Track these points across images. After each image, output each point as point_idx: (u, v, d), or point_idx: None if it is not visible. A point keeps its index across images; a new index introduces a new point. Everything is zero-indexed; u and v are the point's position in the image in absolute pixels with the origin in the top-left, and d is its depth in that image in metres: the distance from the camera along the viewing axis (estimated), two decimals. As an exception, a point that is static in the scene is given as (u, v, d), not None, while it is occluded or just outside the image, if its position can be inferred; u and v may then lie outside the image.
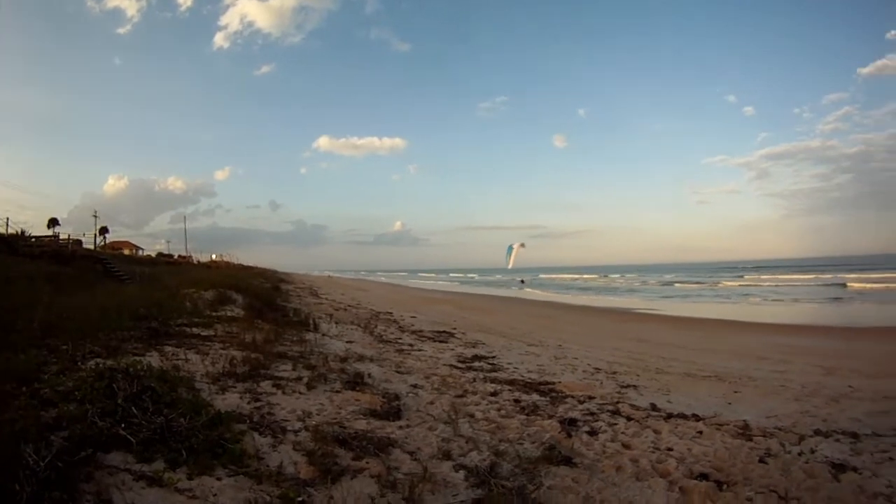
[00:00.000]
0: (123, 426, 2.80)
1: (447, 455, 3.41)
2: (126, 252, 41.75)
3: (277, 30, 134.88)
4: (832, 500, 3.00)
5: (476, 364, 7.67)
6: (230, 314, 9.70)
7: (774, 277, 49.79)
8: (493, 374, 6.82)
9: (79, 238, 31.55)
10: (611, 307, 25.13)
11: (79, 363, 4.22)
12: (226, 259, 51.88)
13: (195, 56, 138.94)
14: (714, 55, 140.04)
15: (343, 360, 6.25)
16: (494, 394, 5.47)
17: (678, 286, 44.14)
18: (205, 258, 51.59)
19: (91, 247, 31.71)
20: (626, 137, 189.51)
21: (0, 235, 21.47)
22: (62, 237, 30.15)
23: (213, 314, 9.37)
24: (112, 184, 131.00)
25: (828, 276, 44.90)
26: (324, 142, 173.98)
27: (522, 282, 55.03)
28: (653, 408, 5.23)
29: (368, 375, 5.47)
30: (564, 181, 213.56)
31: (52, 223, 36.92)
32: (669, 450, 3.85)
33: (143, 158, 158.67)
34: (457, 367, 7.20)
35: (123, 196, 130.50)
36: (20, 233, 24.37)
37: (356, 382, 5.02)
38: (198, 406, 3.28)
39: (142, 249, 50.47)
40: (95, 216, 44.29)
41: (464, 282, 68.55)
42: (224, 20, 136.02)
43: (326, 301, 20.90)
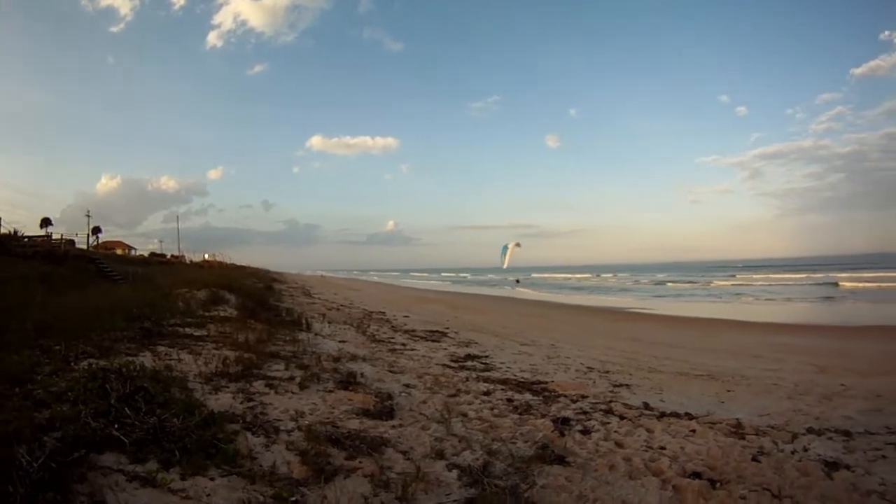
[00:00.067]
0: (117, 427, 2.79)
1: (440, 454, 3.42)
2: (119, 252, 41.45)
3: (270, 29, 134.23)
4: (825, 498, 3.02)
5: (469, 363, 7.69)
6: (223, 314, 9.66)
7: (766, 277, 50.22)
8: (486, 374, 6.84)
9: (71, 238, 31.32)
10: (603, 306, 25.18)
11: (72, 364, 4.19)
12: (218, 259, 51.40)
13: (188, 55, 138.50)
14: (707, 55, 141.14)
15: (336, 360, 6.25)
16: (487, 393, 5.49)
17: (670, 285, 44.36)
18: (197, 258, 51.27)
19: (84, 247, 31.34)
20: (619, 137, 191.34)
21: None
22: (55, 237, 29.95)
23: (206, 314, 9.32)
24: (105, 183, 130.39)
25: (819, 276, 45.21)
26: (316, 141, 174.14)
27: (518, 281, 54.88)
28: (646, 406, 5.27)
29: (361, 375, 5.47)
30: (557, 181, 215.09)
31: (45, 223, 36.85)
32: (662, 448, 3.88)
33: (136, 158, 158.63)
34: (449, 367, 7.21)
35: (116, 195, 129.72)
36: (13, 233, 24.20)
37: (349, 382, 5.02)
38: (191, 406, 3.28)
39: (134, 249, 50.01)
40: (88, 216, 44.20)
41: (456, 281, 68.39)
42: (217, 19, 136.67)
43: (319, 301, 20.85)
